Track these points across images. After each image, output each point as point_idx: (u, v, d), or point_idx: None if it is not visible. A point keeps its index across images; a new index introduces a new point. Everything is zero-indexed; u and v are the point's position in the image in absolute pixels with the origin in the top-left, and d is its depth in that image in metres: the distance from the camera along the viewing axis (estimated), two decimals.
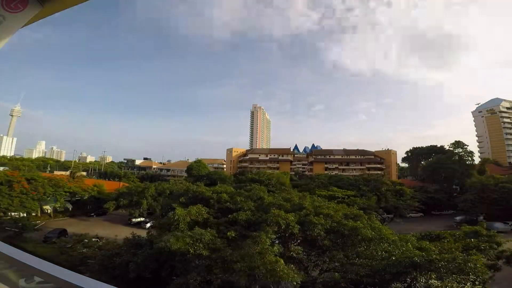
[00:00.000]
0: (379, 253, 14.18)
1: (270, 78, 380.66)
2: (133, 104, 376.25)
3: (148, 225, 43.32)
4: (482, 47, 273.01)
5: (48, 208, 44.61)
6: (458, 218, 47.94)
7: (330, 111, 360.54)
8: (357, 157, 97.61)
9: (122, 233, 28.29)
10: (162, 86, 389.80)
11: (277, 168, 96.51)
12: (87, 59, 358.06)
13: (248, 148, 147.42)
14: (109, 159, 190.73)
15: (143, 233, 20.31)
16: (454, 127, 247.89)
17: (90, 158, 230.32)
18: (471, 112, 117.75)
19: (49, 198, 42.59)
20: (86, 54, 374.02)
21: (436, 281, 10.68)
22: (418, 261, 11.43)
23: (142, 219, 43.89)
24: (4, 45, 2.16)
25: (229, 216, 16.68)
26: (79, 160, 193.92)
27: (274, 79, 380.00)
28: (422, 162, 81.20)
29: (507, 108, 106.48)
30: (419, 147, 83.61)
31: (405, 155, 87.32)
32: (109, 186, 56.78)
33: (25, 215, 37.56)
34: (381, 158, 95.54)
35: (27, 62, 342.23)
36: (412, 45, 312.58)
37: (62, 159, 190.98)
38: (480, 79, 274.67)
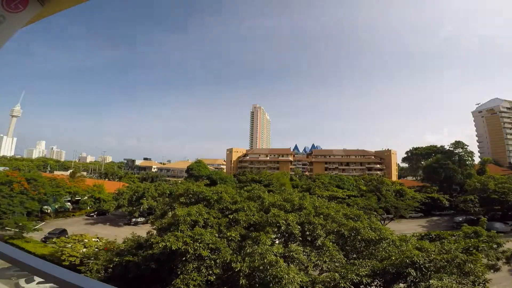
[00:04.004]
0: (380, 253, 14.16)
1: None
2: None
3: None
4: None
5: (48, 208, 44.62)
6: (458, 218, 47.92)
7: None
8: (357, 157, 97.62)
9: (122, 233, 28.32)
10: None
11: (277, 168, 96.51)
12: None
13: (248, 148, 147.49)
14: (109, 159, 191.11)
15: (143, 233, 20.31)
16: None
17: (90, 158, 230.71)
18: (471, 112, 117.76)
19: (49, 198, 42.60)
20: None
21: (436, 281, 10.67)
22: (419, 261, 11.43)
23: (142, 219, 43.92)
24: (4, 45, 2.16)
25: (230, 216, 16.68)
26: (79, 160, 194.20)
27: None
28: (422, 162, 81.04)
29: (507, 108, 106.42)
30: (419, 147, 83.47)
31: (405, 155, 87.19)
32: (110, 186, 56.71)
33: (25, 215, 37.54)
34: (381, 158, 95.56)
35: (27, 62, 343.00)
36: None
37: (62, 159, 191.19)
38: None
